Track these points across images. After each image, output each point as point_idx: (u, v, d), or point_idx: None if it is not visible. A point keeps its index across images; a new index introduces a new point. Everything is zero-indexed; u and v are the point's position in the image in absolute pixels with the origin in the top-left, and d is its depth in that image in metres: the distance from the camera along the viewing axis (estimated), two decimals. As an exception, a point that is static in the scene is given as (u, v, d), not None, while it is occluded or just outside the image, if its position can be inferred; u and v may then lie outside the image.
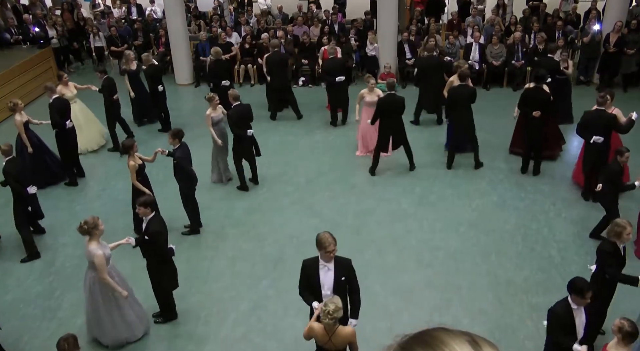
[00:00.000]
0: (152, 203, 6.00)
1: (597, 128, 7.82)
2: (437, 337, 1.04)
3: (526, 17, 14.18)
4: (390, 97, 8.91)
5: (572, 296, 4.81)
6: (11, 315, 6.59)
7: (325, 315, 4.40)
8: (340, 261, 5.02)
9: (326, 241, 4.85)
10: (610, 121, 7.79)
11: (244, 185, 9.01)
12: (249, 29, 13.88)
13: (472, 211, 8.29)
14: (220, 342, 6.11)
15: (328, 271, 4.98)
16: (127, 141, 7.56)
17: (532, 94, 8.68)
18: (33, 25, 14.20)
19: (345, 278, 5.01)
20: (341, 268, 4.99)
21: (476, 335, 1.06)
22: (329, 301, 4.48)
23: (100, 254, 5.54)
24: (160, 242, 5.91)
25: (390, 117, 8.91)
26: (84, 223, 5.60)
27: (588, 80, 12.89)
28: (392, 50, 13.09)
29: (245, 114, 8.63)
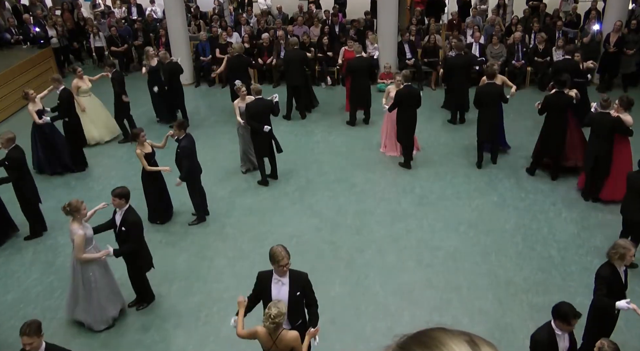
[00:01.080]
0: (127, 195, 6.11)
1: (601, 131, 7.85)
2: (436, 337, 1.04)
3: (526, 17, 14.19)
4: (408, 88, 9.03)
5: (556, 321, 4.60)
6: (11, 315, 6.60)
7: (267, 318, 4.33)
8: (295, 276, 4.87)
9: (279, 255, 4.71)
10: (613, 124, 7.79)
11: (264, 180, 9.13)
12: (249, 29, 13.88)
13: (472, 211, 8.29)
14: (221, 342, 6.11)
15: (282, 285, 4.83)
16: (136, 129, 7.98)
17: (555, 99, 8.45)
18: (33, 25, 14.20)
19: (301, 292, 4.86)
20: (296, 283, 4.84)
21: (475, 335, 1.06)
22: (272, 304, 4.40)
23: (81, 234, 5.78)
24: (138, 232, 6.16)
25: (407, 109, 9.06)
26: (67, 204, 5.84)
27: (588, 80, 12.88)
28: (392, 50, 13.08)
29: (264, 109, 8.75)
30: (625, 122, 7.79)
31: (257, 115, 8.64)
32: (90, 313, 6.17)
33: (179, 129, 7.70)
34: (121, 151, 10.61)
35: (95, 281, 6.07)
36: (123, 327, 6.41)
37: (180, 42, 13.35)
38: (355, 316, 6.28)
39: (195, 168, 7.97)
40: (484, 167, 9.45)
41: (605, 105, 7.89)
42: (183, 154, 7.66)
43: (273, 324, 4.33)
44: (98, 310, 6.17)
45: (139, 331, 6.35)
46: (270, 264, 4.83)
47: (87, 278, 6.05)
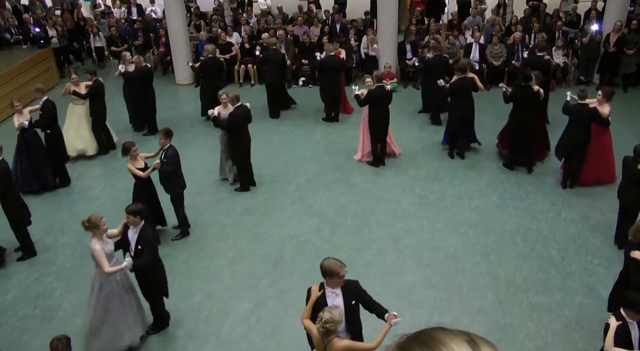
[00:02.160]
0: (141, 212, 5.80)
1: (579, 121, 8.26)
2: (436, 337, 1.04)
3: (526, 17, 14.19)
4: (379, 89, 9.09)
5: (625, 310, 4.70)
6: (11, 315, 6.60)
7: (319, 321, 4.26)
8: (347, 285, 4.77)
9: (337, 267, 4.59)
10: (591, 115, 8.16)
11: (246, 187, 9.01)
12: (249, 29, 13.88)
13: (472, 211, 8.29)
14: (220, 342, 6.10)
15: (336, 297, 4.72)
16: (127, 143, 7.34)
17: (521, 93, 8.83)
18: (33, 26, 14.20)
19: (356, 301, 4.77)
20: (350, 292, 4.75)
21: (474, 335, 1.06)
22: (327, 308, 4.33)
23: (98, 248, 5.50)
24: (154, 250, 5.85)
25: (379, 108, 9.14)
26: (86, 220, 5.57)
27: (588, 80, 12.89)
28: (392, 50, 13.09)
29: (245, 117, 8.59)
30: (602, 113, 8.13)
31: (238, 123, 8.44)
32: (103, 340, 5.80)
33: (164, 137, 7.34)
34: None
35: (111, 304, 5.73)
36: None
37: (180, 42, 13.35)
38: (355, 316, 6.27)
39: (182, 179, 7.71)
40: (484, 167, 9.46)
41: (582, 96, 8.30)
42: (168, 163, 7.31)
43: (323, 328, 4.23)
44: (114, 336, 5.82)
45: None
46: (324, 278, 4.71)
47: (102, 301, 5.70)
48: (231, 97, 8.57)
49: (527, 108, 8.83)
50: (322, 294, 4.75)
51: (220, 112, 8.64)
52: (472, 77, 9.47)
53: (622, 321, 4.72)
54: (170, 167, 7.36)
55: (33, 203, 8.69)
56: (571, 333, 6.04)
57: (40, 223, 8.32)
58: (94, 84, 9.88)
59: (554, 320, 6.21)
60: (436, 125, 11.06)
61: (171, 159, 7.36)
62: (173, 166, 7.38)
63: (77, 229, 8.16)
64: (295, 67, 13.48)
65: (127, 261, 5.59)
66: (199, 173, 9.55)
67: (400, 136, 10.56)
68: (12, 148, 9.03)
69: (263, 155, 10.15)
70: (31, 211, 8.41)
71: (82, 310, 6.59)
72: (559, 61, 12.60)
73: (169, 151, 7.40)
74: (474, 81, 9.42)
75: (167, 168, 7.34)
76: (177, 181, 7.61)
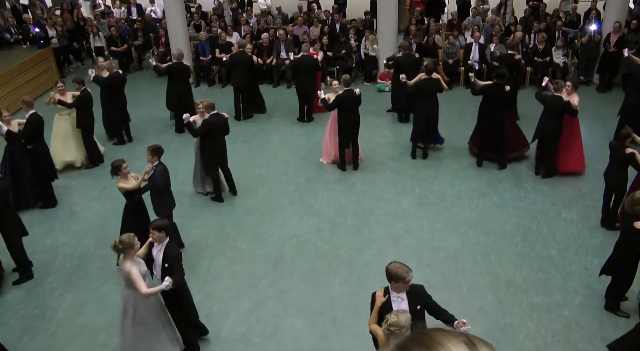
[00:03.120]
0: (167, 227, 5.51)
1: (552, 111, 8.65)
2: (434, 338, 1.04)
3: (526, 17, 14.19)
4: (348, 93, 9.06)
5: None
6: (11, 315, 6.59)
7: (385, 322, 4.19)
8: (412, 289, 4.68)
9: (403, 271, 4.51)
10: (564, 107, 8.52)
11: (219, 196, 8.71)
12: (249, 29, 13.89)
13: (472, 211, 8.29)
14: (220, 342, 6.10)
15: (402, 301, 4.66)
16: (117, 161, 6.87)
17: (493, 90, 8.99)
18: (33, 26, 14.20)
19: (422, 306, 4.69)
20: (415, 297, 4.69)
21: (473, 335, 1.06)
22: (395, 312, 4.24)
23: (135, 270, 5.21)
24: (180, 265, 5.52)
25: (347, 112, 9.12)
26: (119, 241, 5.25)
27: (588, 80, 12.90)
28: (392, 50, 13.08)
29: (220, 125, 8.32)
30: (573, 105, 8.47)
31: (212, 131, 8.17)
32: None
33: (152, 155, 6.88)
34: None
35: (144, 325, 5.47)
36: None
37: (180, 42, 13.34)
38: (355, 316, 6.27)
39: (172, 199, 7.30)
40: (484, 167, 9.46)
41: (557, 88, 8.72)
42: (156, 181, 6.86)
43: (388, 331, 4.15)
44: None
45: (139, 331, 6.34)
46: (389, 282, 4.66)
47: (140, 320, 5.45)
48: (206, 104, 8.25)
49: (496, 105, 9.03)
50: (387, 299, 4.70)
51: (196, 120, 8.32)
52: (438, 79, 9.59)
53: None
54: (161, 182, 6.93)
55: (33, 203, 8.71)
56: (571, 333, 6.04)
57: (40, 223, 8.32)
58: (82, 94, 9.40)
59: (554, 320, 6.21)
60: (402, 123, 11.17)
61: (160, 175, 6.91)
62: (164, 180, 6.98)
63: (77, 229, 8.20)
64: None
65: (167, 279, 5.21)
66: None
67: (401, 135, 10.57)
68: None
69: (263, 155, 10.15)
70: (31, 211, 8.45)
71: (82, 309, 6.62)
72: (559, 61, 12.61)
73: (159, 167, 6.93)
74: (439, 82, 9.54)
75: (158, 181, 6.88)
76: (165, 201, 7.16)
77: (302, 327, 6.21)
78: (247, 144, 10.61)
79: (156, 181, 6.87)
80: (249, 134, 11.02)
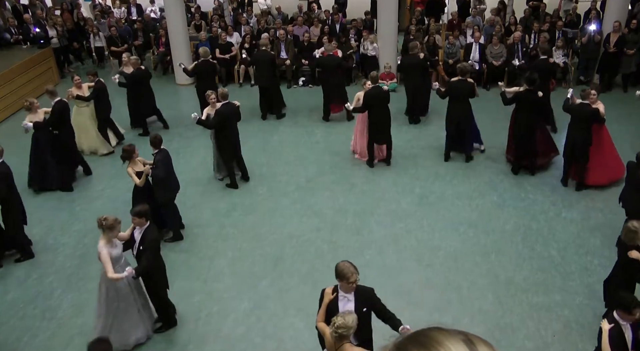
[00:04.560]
0: (147, 213, 5.85)
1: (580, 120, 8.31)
2: (432, 337, 1.04)
3: (526, 17, 14.19)
4: (376, 89, 9.10)
5: (618, 312, 4.69)
6: (11, 315, 6.60)
7: (332, 325, 4.23)
8: (360, 291, 4.71)
9: (348, 272, 4.54)
10: (592, 115, 8.19)
11: (234, 183, 9.08)
12: (249, 29, 13.89)
13: (472, 211, 8.29)
14: (220, 342, 6.11)
15: (348, 302, 4.68)
16: (128, 146, 7.41)
17: (525, 97, 8.71)
18: (33, 26, 14.20)
19: (368, 308, 4.72)
20: (362, 299, 4.70)
21: (471, 334, 1.06)
22: (341, 314, 4.29)
23: (105, 252, 5.53)
24: (155, 250, 5.87)
25: (378, 110, 9.13)
26: (104, 218, 5.60)
27: (588, 80, 12.88)
28: (392, 50, 13.09)
29: (232, 113, 8.74)
30: (601, 113, 8.22)
31: (225, 120, 8.55)
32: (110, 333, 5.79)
33: (152, 145, 7.41)
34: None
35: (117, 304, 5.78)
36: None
37: (180, 42, 13.35)
38: (355, 316, 6.27)
39: (172, 184, 7.66)
40: (484, 167, 9.46)
41: (584, 96, 8.34)
42: (158, 168, 7.29)
43: (336, 333, 4.19)
44: (119, 333, 5.84)
45: (139, 331, 6.35)
46: (337, 280, 4.67)
47: (110, 300, 5.77)
48: (220, 92, 8.68)
49: (530, 113, 8.73)
50: (334, 297, 4.72)
51: (209, 112, 8.72)
52: (472, 83, 9.38)
53: (614, 323, 4.70)
54: (161, 172, 7.30)
55: (33, 203, 8.71)
56: (571, 333, 6.04)
57: (40, 223, 8.32)
58: (97, 86, 9.91)
59: (554, 320, 6.21)
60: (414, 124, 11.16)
61: (160, 163, 7.30)
62: (163, 170, 7.32)
63: (77, 229, 8.20)
64: (295, 67, 13.49)
65: (128, 270, 5.57)
66: (199, 173, 9.56)
67: (400, 135, 10.56)
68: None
69: (263, 155, 10.15)
70: (31, 211, 8.44)
71: (82, 309, 6.61)
72: (559, 61, 12.60)
73: (158, 156, 7.36)
74: (473, 85, 9.31)
75: (157, 172, 7.29)
76: (168, 185, 7.52)
77: (302, 327, 6.20)
78: (247, 144, 10.56)
79: (155, 172, 7.29)
80: (249, 134, 10.99)
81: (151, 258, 5.77)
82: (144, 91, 10.76)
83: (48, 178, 9.10)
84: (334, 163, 9.79)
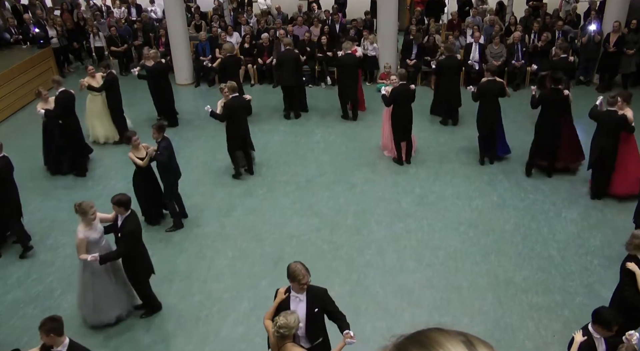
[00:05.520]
0: (126, 202, 6.05)
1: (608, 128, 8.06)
2: (432, 338, 1.04)
3: (526, 17, 14.19)
4: (402, 86, 9.17)
5: (594, 326, 4.62)
6: (11, 315, 6.60)
7: (274, 325, 4.26)
8: (313, 292, 4.72)
9: (300, 273, 4.57)
10: (620, 122, 7.95)
11: (238, 173, 9.34)
12: (249, 29, 13.88)
13: (472, 211, 8.29)
14: (220, 342, 6.11)
15: (300, 302, 4.70)
16: (128, 132, 7.92)
17: (551, 96, 8.55)
18: (33, 26, 14.20)
19: (320, 309, 4.72)
20: (315, 299, 4.70)
21: (471, 335, 1.06)
22: (284, 313, 4.31)
23: (81, 237, 5.90)
24: (133, 241, 6.08)
25: (402, 106, 9.23)
26: (78, 204, 5.96)
27: (588, 80, 12.89)
28: (392, 50, 13.09)
29: (240, 107, 8.96)
30: (630, 119, 7.94)
31: (234, 113, 8.82)
32: (85, 309, 6.32)
33: (157, 131, 7.63)
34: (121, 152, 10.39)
35: (92, 282, 6.12)
36: (123, 327, 6.41)
37: (180, 42, 13.35)
38: (355, 316, 6.27)
39: (176, 171, 7.96)
40: (484, 167, 9.46)
41: (612, 102, 8.03)
42: (161, 154, 7.58)
43: (277, 333, 4.23)
44: (92, 309, 6.22)
45: (139, 331, 6.36)
46: (289, 281, 4.71)
47: (86, 278, 6.14)
48: (229, 86, 8.85)
49: (556, 112, 8.57)
50: (287, 297, 4.74)
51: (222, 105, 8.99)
52: (502, 82, 9.33)
53: (588, 336, 4.63)
54: (164, 158, 7.59)
55: (33, 203, 8.72)
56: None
57: (40, 223, 8.33)
58: (108, 77, 10.24)
59: (554, 320, 6.21)
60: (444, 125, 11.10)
61: (164, 150, 7.58)
62: (167, 156, 7.62)
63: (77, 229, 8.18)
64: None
65: (92, 256, 5.86)
66: (199, 173, 9.56)
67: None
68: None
69: (263, 155, 10.14)
70: (32, 209, 8.48)
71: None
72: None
73: (162, 143, 7.62)
74: (503, 85, 9.25)
75: (161, 158, 7.58)
76: (172, 171, 7.83)
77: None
78: (247, 144, 10.61)
79: (159, 158, 7.59)
80: (249, 134, 11.01)
81: (121, 249, 6.06)
82: (164, 84, 11.15)
83: (62, 163, 9.61)
84: (334, 163, 9.79)
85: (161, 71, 11.04)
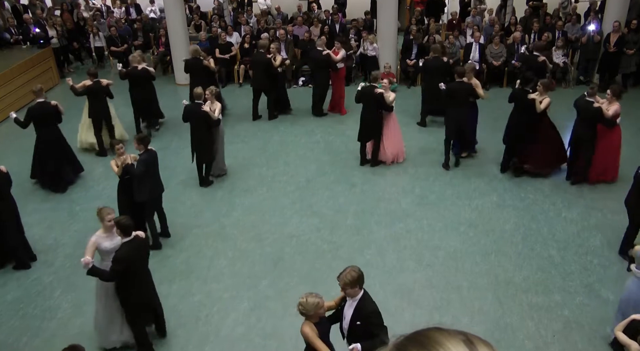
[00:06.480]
0: (127, 227, 5.51)
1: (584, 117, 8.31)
2: (432, 337, 1.04)
3: (526, 17, 14.19)
4: (368, 88, 9.18)
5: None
6: (11, 315, 6.60)
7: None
8: (362, 305, 4.69)
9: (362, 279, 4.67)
10: (595, 114, 8.11)
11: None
12: (249, 29, 13.89)
13: (472, 211, 8.29)
14: (220, 342, 6.11)
15: (349, 307, 4.74)
16: (113, 140, 7.71)
17: (519, 95, 8.65)
18: (33, 26, 14.20)
19: (362, 323, 4.68)
20: (359, 313, 4.68)
21: (471, 334, 1.05)
22: (308, 294, 4.48)
23: (92, 240, 5.70)
24: (119, 269, 5.41)
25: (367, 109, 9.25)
26: (99, 209, 5.83)
27: (588, 80, 12.89)
28: (392, 50, 13.09)
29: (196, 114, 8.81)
30: (605, 114, 8.05)
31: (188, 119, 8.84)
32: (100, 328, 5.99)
33: (138, 143, 7.17)
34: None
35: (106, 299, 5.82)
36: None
37: (180, 42, 13.35)
38: (355, 316, 6.27)
39: (154, 186, 7.43)
40: (484, 167, 9.46)
41: (591, 93, 8.24)
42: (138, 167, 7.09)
43: (298, 309, 4.44)
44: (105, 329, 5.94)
45: (138, 331, 6.34)
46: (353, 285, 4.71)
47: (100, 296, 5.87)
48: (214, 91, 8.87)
49: (522, 111, 8.60)
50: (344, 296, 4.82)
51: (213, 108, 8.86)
52: (471, 84, 9.11)
53: None
54: (137, 171, 7.12)
55: (33, 204, 8.72)
56: (571, 333, 6.03)
57: (40, 223, 8.32)
58: (91, 85, 9.76)
59: (554, 320, 6.21)
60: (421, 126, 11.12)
61: (140, 163, 7.12)
62: (140, 170, 7.12)
63: (77, 229, 8.20)
64: (295, 67, 13.48)
65: (84, 259, 5.42)
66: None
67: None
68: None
69: (263, 155, 10.15)
70: (31, 211, 8.46)
71: (82, 309, 6.61)
72: (559, 61, 12.61)
73: (142, 156, 7.18)
74: (472, 87, 9.06)
75: (133, 171, 7.13)
76: (144, 187, 7.29)
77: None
78: (247, 144, 10.62)
79: (131, 171, 7.17)
80: (249, 134, 11.02)
81: (109, 274, 5.49)
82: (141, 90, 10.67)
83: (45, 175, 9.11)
84: (334, 163, 9.79)
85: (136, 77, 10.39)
